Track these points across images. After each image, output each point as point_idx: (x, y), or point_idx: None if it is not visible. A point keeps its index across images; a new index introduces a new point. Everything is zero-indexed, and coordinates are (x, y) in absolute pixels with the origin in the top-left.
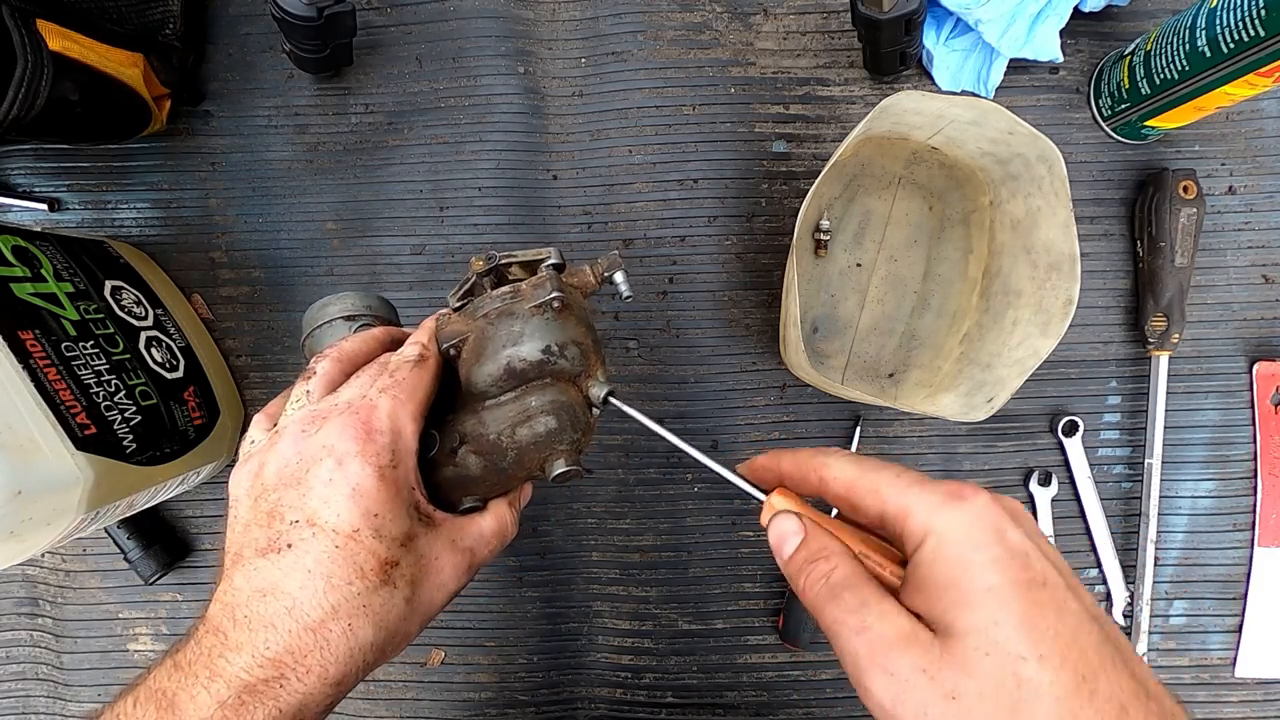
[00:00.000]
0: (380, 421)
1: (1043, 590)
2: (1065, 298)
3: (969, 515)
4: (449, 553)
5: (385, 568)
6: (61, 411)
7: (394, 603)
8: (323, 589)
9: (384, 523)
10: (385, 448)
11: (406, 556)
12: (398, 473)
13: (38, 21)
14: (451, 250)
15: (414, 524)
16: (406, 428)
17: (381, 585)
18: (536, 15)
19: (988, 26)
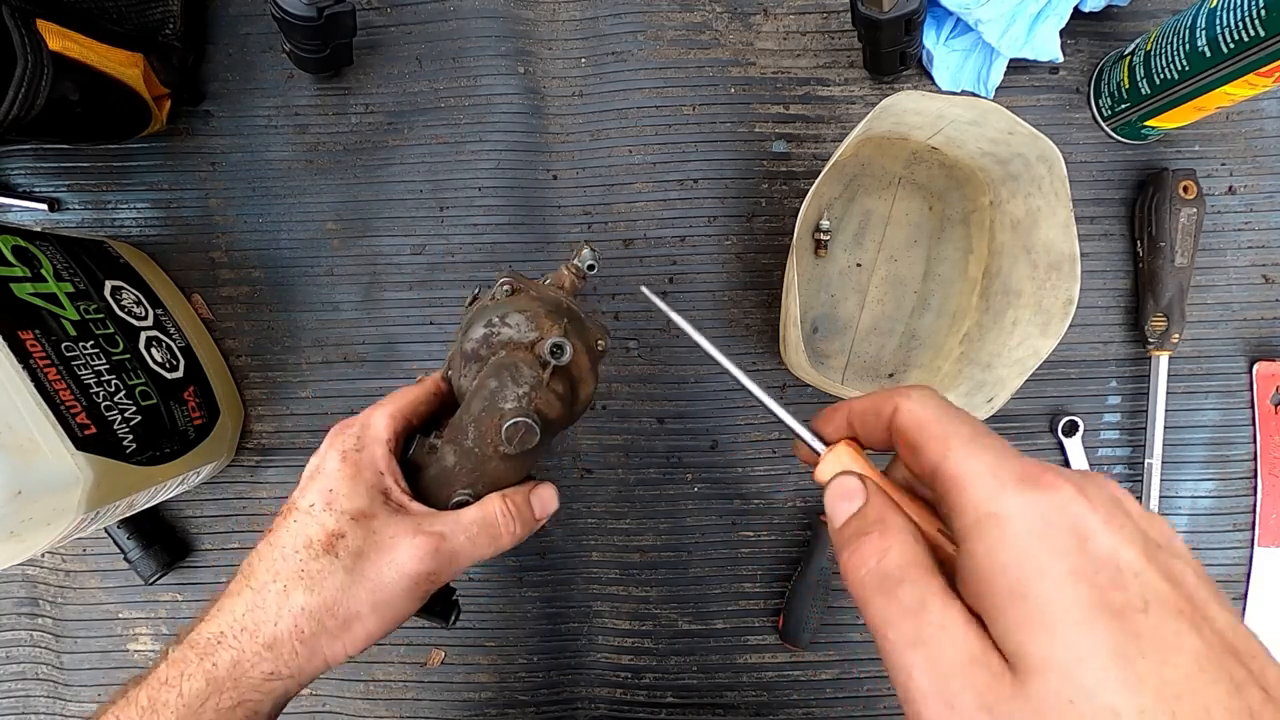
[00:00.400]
0: (355, 420)
1: (1144, 619)
2: (1065, 298)
3: (1045, 507)
4: (409, 533)
5: (331, 538)
6: (61, 411)
7: (333, 568)
8: (274, 557)
9: (337, 497)
10: (351, 435)
11: (356, 530)
12: (360, 455)
13: (38, 21)
14: (451, 250)
15: (374, 504)
16: (378, 422)
17: (323, 553)
18: (536, 15)
19: (988, 26)
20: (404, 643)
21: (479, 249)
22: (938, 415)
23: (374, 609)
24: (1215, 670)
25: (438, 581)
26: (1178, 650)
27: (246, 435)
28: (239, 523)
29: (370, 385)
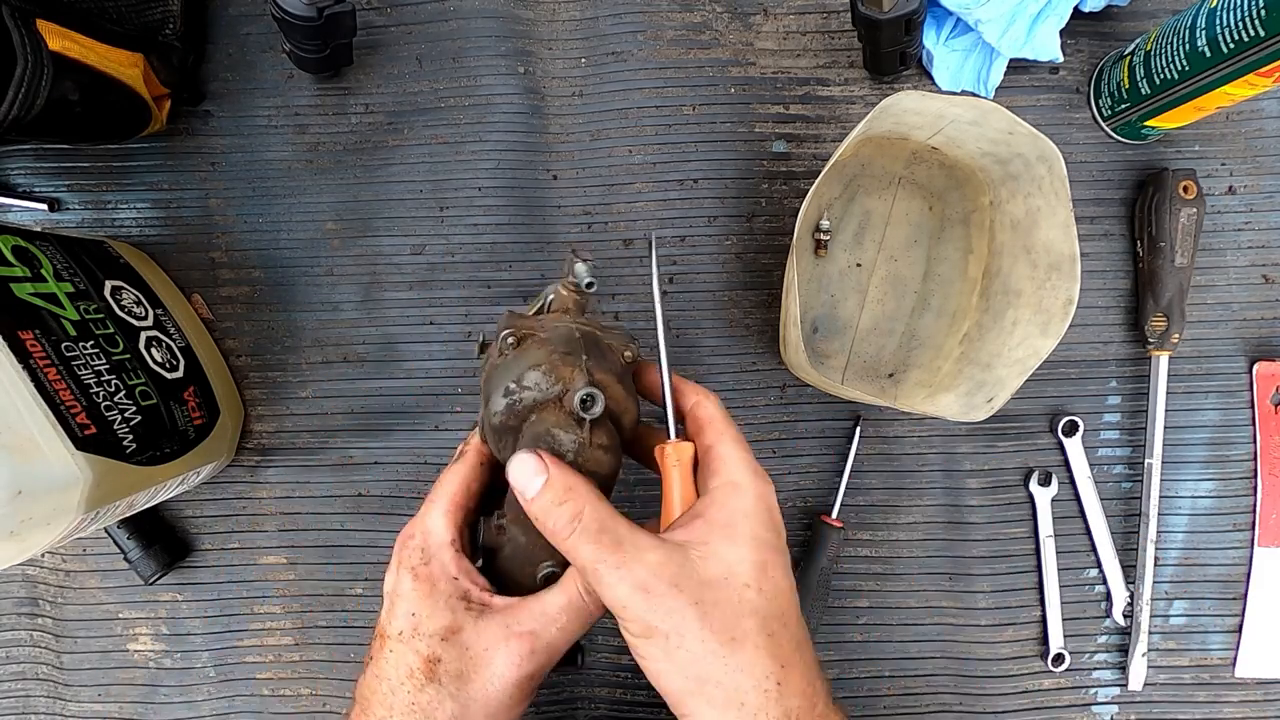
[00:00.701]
0: (411, 528)
1: (776, 554)
2: (1065, 298)
3: (762, 487)
4: (501, 640)
5: (429, 665)
6: (61, 411)
7: (440, 697)
8: (384, 691)
9: (422, 620)
10: (414, 549)
11: (449, 651)
12: (431, 569)
13: (38, 21)
14: (451, 250)
15: (458, 616)
16: (436, 523)
17: (428, 683)
18: (536, 15)
19: (988, 26)
20: None
21: (479, 249)
22: (722, 419)
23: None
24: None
25: (543, 674)
26: (785, 573)
27: (246, 435)
28: (239, 523)
29: (370, 385)
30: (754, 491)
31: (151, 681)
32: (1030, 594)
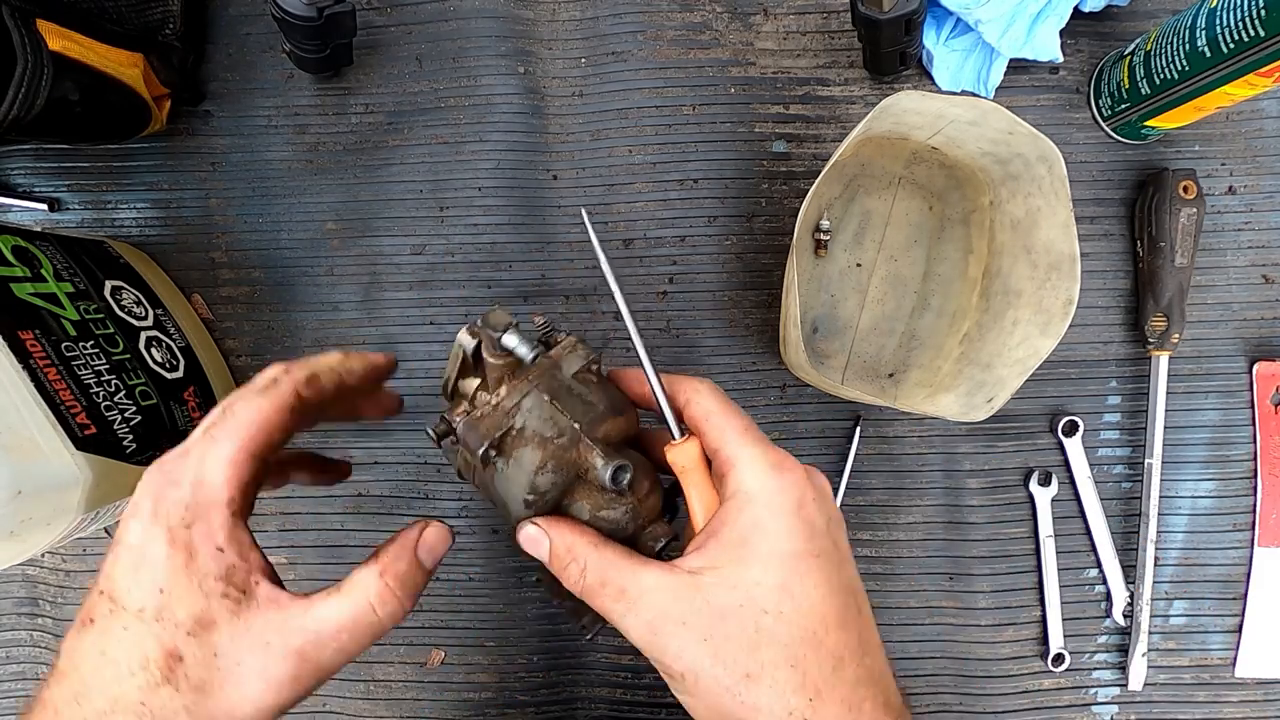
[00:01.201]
0: (177, 468)
1: (812, 562)
2: (1065, 298)
3: (784, 486)
4: (259, 655)
5: (170, 660)
6: (61, 411)
7: (174, 710)
8: (108, 676)
9: (169, 600)
10: (178, 503)
11: (194, 650)
12: (192, 533)
13: (38, 21)
14: (451, 250)
15: (213, 605)
16: (214, 472)
17: (163, 683)
18: (536, 15)
19: (988, 26)
20: (404, 643)
21: (479, 249)
22: (719, 410)
23: None
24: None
25: (302, 698)
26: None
27: None
28: None
29: None
30: (768, 496)
31: None
32: (1030, 594)
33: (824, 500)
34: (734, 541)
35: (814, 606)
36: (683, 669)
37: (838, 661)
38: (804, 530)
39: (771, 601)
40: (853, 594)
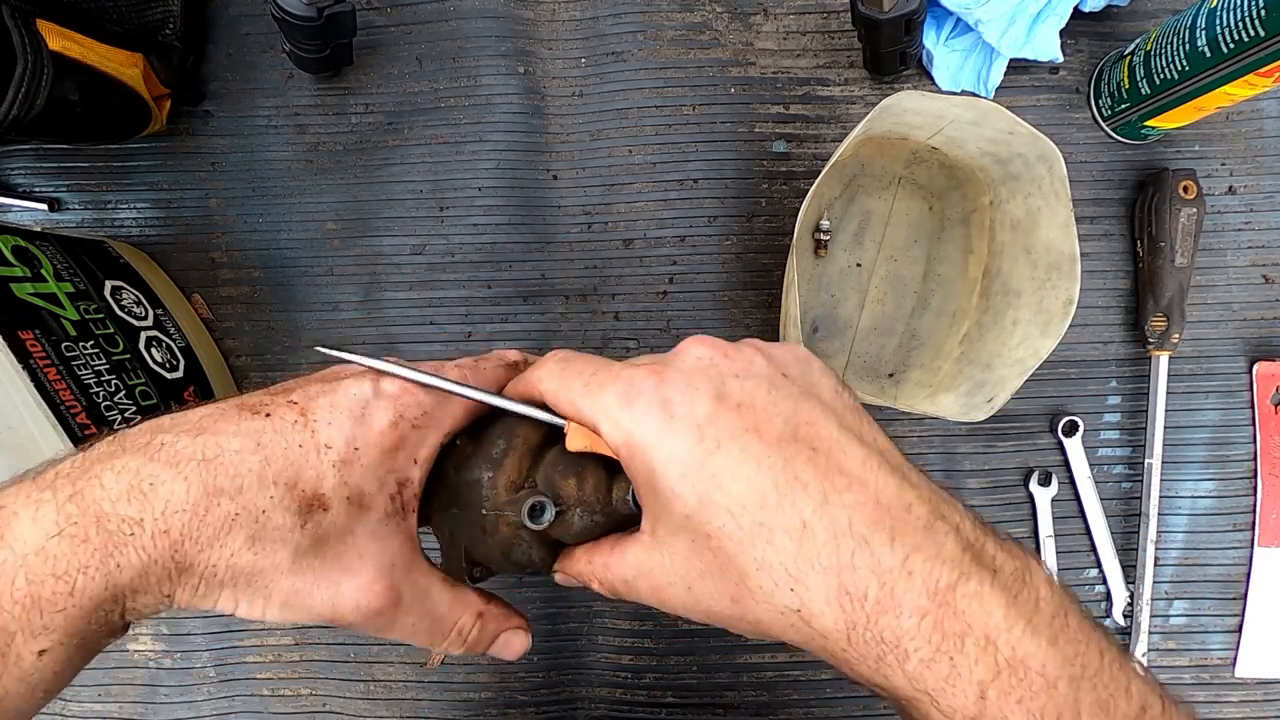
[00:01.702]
0: (426, 397)
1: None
2: (1065, 298)
3: (639, 410)
4: (376, 566)
5: (312, 501)
6: (61, 411)
7: (285, 537)
8: (247, 466)
9: (352, 460)
10: (418, 405)
11: (341, 513)
12: (412, 435)
13: (38, 21)
14: (451, 250)
15: (380, 496)
16: (454, 406)
17: (295, 511)
18: (536, 15)
19: (988, 26)
20: (404, 643)
21: (479, 249)
22: (559, 384)
23: (283, 608)
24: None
25: (352, 628)
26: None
27: None
28: None
29: None
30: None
31: (151, 681)
32: None
33: (694, 380)
34: (647, 491)
35: (746, 497)
36: (700, 619)
37: (802, 530)
38: (687, 435)
39: (707, 521)
40: (792, 438)
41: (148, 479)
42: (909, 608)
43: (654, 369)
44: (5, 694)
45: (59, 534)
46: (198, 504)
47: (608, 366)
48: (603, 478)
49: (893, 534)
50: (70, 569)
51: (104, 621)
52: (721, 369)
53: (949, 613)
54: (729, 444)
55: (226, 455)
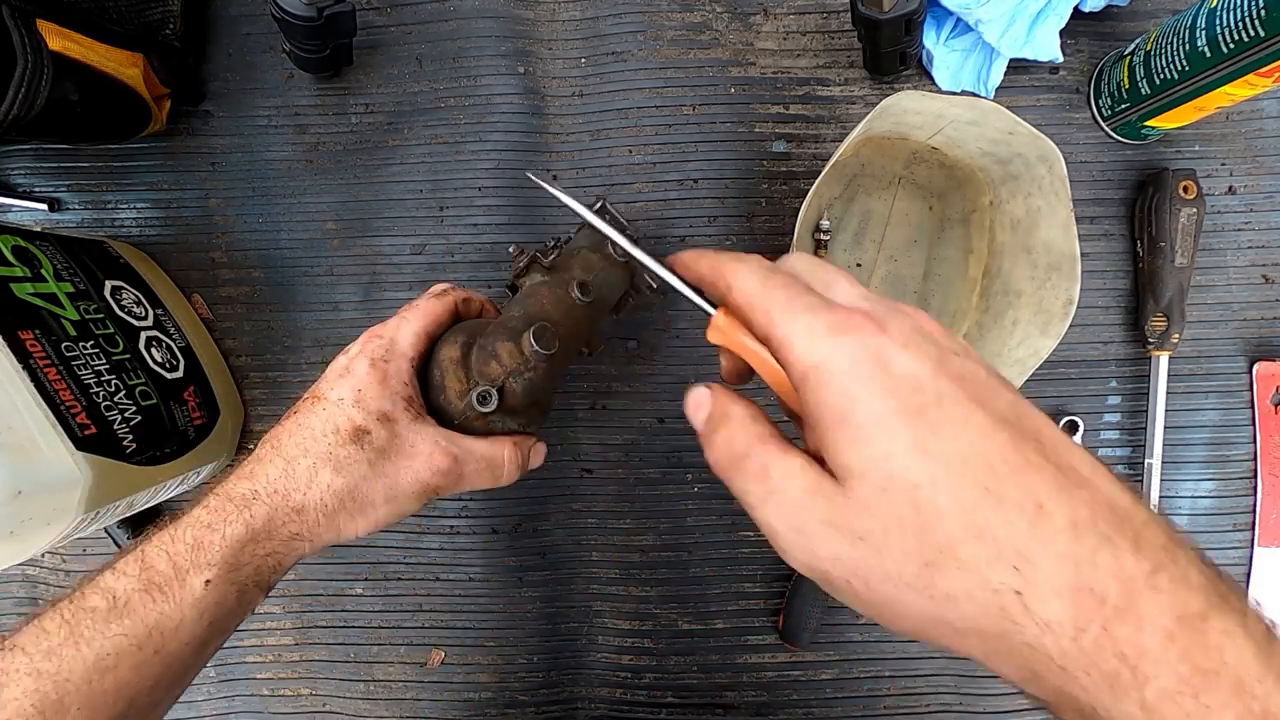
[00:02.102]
0: (385, 329)
1: (938, 411)
2: (1065, 298)
3: (851, 347)
4: (429, 444)
5: (358, 432)
6: (61, 411)
7: (358, 458)
8: (303, 436)
9: (365, 398)
10: (380, 345)
11: (380, 429)
12: (388, 365)
13: (38, 21)
14: (451, 250)
15: (397, 410)
16: (405, 336)
17: (350, 442)
18: (536, 15)
19: (988, 26)
20: (404, 643)
21: (479, 249)
22: (759, 289)
23: (387, 502)
24: (997, 431)
25: (439, 495)
26: (968, 427)
27: (246, 435)
28: None
29: None
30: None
31: None
32: None
33: (917, 342)
34: (834, 424)
35: (969, 458)
36: (845, 574)
37: (1036, 510)
38: (906, 384)
39: (916, 469)
40: (1017, 423)
41: (249, 470)
42: (1153, 625)
43: (871, 315)
44: (183, 618)
45: (206, 509)
46: (285, 470)
47: (815, 292)
48: (512, 347)
49: (1136, 543)
50: (218, 521)
51: (249, 559)
52: (940, 343)
53: (1200, 644)
54: (952, 406)
55: (284, 441)
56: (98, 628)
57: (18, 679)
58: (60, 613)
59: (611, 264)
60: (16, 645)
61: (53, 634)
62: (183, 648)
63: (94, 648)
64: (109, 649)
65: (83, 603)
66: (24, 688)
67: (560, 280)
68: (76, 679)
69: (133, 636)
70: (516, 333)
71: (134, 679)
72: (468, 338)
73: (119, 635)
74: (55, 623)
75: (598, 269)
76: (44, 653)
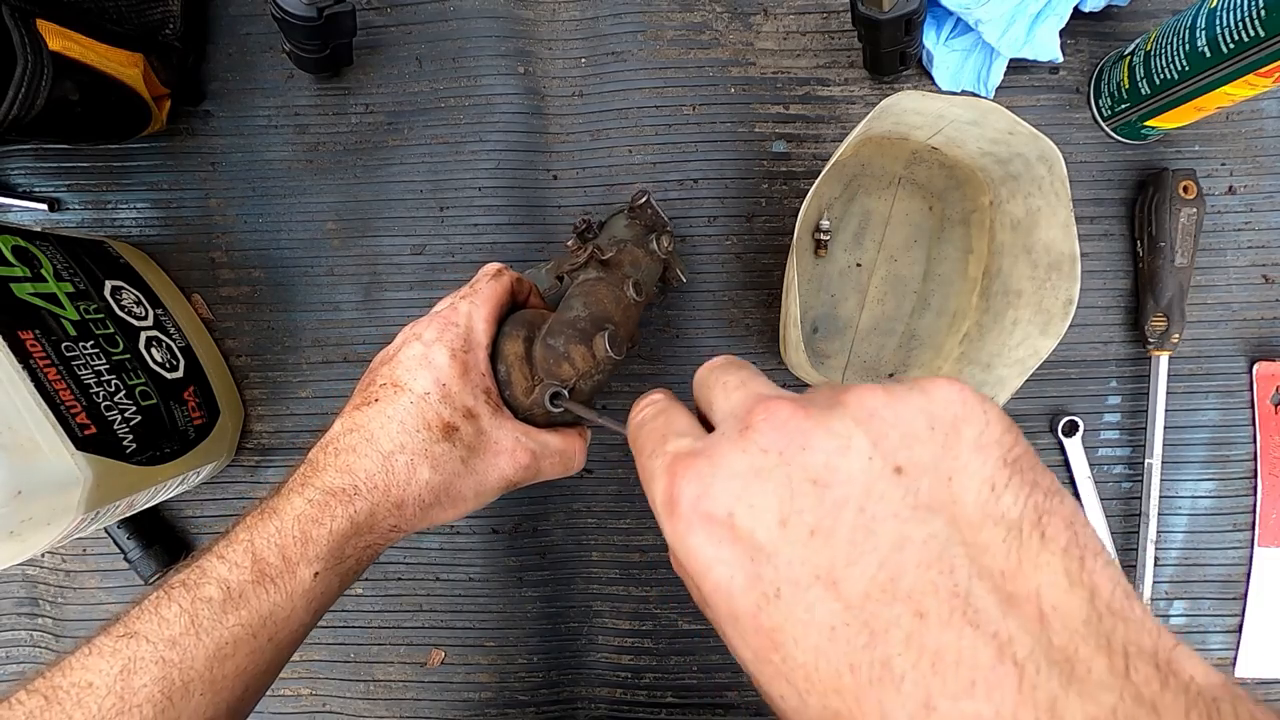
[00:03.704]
0: (458, 316)
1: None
2: (1065, 298)
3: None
4: (511, 441)
5: (447, 428)
6: (61, 411)
7: (451, 456)
8: (395, 430)
9: (450, 393)
10: (458, 334)
11: (467, 425)
12: (468, 356)
13: (38, 21)
14: (451, 250)
15: (479, 405)
16: (479, 323)
17: (443, 439)
18: (536, 15)
19: (988, 26)
20: (404, 643)
21: (479, 249)
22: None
23: (475, 496)
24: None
25: (518, 487)
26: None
27: (246, 435)
28: None
29: None
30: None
31: None
32: None
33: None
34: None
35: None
36: None
37: None
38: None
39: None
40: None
41: (345, 464)
42: None
43: (703, 452)
44: (293, 609)
45: (310, 503)
46: (383, 465)
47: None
48: (584, 350)
49: None
50: (324, 516)
51: (352, 551)
52: (794, 468)
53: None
54: (792, 596)
55: (377, 433)
56: (215, 618)
57: (146, 667)
58: (177, 602)
59: (655, 259)
60: (138, 633)
61: (172, 622)
62: (292, 635)
63: (213, 637)
64: (227, 638)
65: (198, 592)
66: (152, 675)
67: (616, 278)
68: (199, 666)
69: (248, 626)
70: (587, 335)
71: (250, 665)
72: (528, 331)
73: (236, 625)
74: (174, 611)
75: (644, 265)
76: (167, 641)
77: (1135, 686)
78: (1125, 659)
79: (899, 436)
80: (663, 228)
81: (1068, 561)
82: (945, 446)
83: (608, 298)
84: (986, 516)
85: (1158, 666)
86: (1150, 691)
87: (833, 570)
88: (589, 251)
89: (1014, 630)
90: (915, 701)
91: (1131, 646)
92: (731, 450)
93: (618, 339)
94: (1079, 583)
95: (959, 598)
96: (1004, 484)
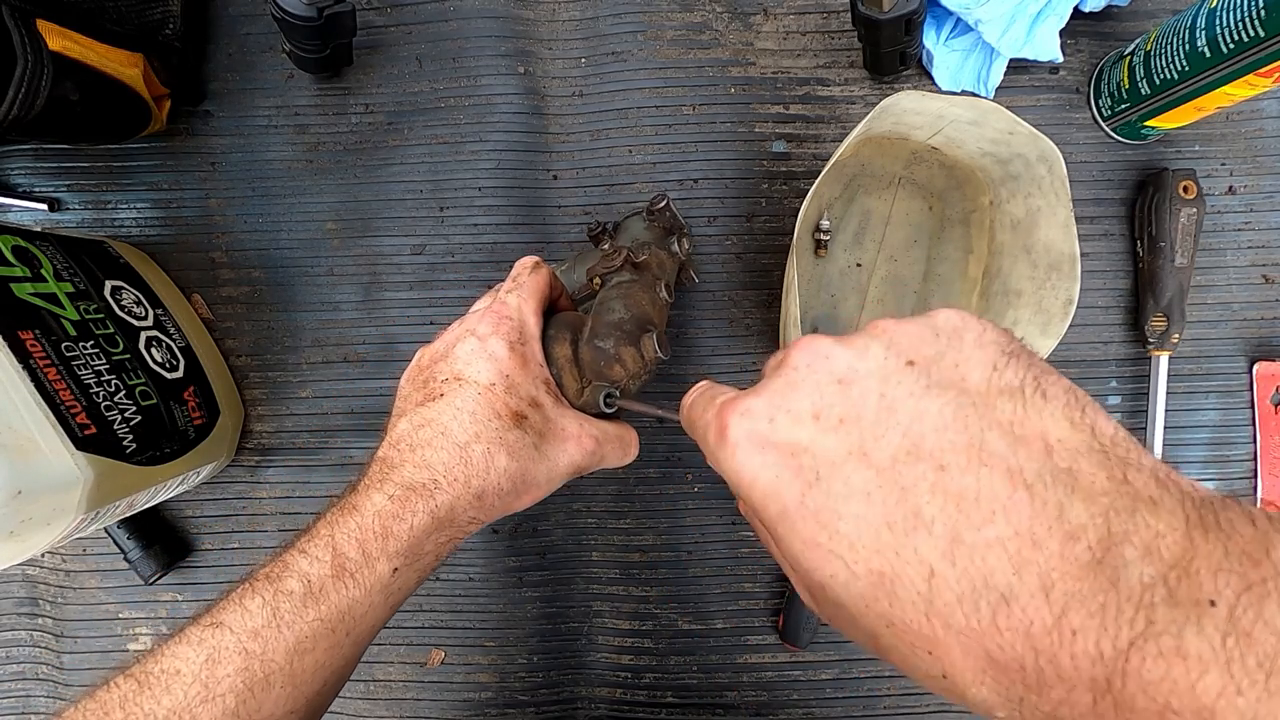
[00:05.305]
0: (510, 310)
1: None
2: (1065, 298)
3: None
4: (575, 426)
5: (517, 416)
6: (61, 411)
7: (525, 442)
8: (468, 420)
9: (515, 383)
10: (513, 328)
11: (534, 414)
12: (525, 349)
13: (38, 21)
14: (451, 250)
15: (541, 394)
16: (529, 317)
17: (515, 426)
18: (536, 15)
19: (988, 26)
20: (404, 643)
21: (479, 249)
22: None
23: (547, 483)
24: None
25: (584, 473)
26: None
27: (246, 435)
28: (239, 523)
29: (370, 385)
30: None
31: None
32: None
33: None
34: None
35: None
36: None
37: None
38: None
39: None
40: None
41: (424, 460)
42: (1081, 681)
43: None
44: (371, 604)
45: (390, 498)
46: (460, 457)
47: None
48: (634, 352)
49: (1044, 581)
50: (404, 512)
51: (431, 547)
52: (821, 375)
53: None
54: (830, 475)
55: (449, 425)
56: (296, 611)
57: (229, 657)
58: (260, 594)
59: (674, 261)
60: (223, 624)
61: (255, 615)
62: (370, 629)
63: (294, 630)
64: (307, 632)
65: (280, 585)
66: (235, 665)
67: (648, 280)
68: (280, 659)
69: (328, 621)
70: (634, 337)
71: (329, 659)
72: (573, 334)
73: (315, 620)
74: (257, 604)
75: (668, 267)
76: (249, 633)
77: (1134, 488)
78: (1124, 470)
79: (909, 342)
80: (681, 230)
81: (1069, 411)
82: (950, 345)
83: (645, 300)
84: (992, 387)
85: (1156, 478)
86: (1149, 492)
87: (863, 445)
88: (624, 255)
89: (1023, 461)
90: (945, 539)
91: (1131, 465)
92: (769, 381)
93: (665, 340)
94: (1080, 426)
95: (974, 447)
96: (1005, 365)
